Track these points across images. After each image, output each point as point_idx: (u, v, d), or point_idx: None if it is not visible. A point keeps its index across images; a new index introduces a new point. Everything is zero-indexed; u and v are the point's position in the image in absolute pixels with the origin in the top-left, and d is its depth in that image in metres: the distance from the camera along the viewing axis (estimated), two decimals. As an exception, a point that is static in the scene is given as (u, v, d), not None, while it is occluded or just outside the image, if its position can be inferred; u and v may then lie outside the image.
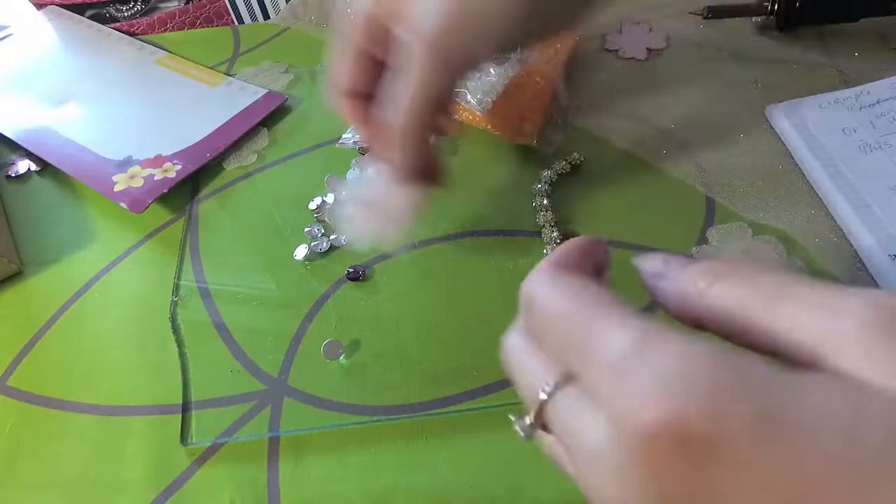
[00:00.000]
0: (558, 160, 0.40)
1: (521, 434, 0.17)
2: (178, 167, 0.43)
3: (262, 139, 0.46)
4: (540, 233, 0.37)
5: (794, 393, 0.12)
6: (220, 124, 0.46)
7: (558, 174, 0.40)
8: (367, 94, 0.28)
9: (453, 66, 0.25)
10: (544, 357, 0.16)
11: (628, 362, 0.13)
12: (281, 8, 0.59)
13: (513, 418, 0.17)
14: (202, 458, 0.30)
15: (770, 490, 0.11)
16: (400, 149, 0.26)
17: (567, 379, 0.15)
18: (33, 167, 0.45)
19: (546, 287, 0.16)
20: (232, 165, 0.44)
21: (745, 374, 0.12)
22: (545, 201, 0.38)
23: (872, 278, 0.34)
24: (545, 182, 0.39)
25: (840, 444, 0.11)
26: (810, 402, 0.12)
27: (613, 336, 0.14)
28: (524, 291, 0.17)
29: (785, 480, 0.11)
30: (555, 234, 0.36)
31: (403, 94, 0.25)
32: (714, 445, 0.12)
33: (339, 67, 0.28)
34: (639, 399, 0.12)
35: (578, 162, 0.40)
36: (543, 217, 0.37)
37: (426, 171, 0.28)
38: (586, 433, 0.14)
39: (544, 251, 0.37)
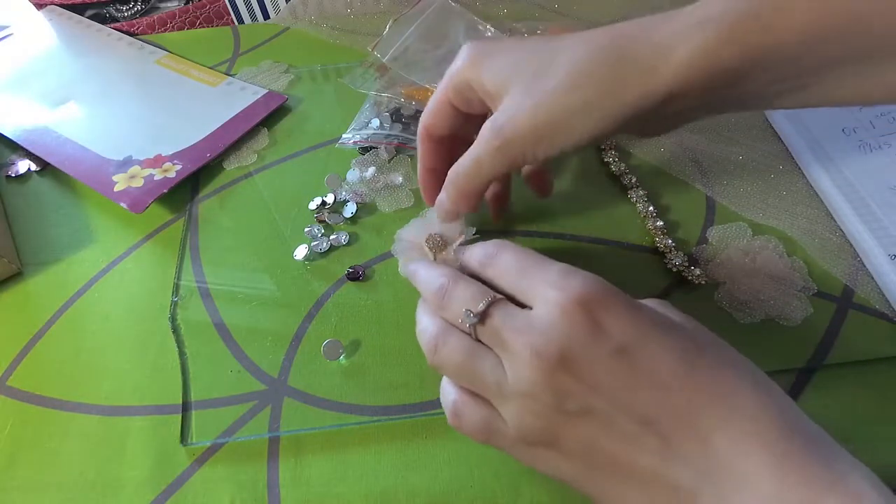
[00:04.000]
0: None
1: (468, 322, 0.24)
2: (178, 167, 0.43)
3: (262, 139, 0.46)
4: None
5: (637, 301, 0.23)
6: (220, 124, 0.46)
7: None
8: (441, 138, 0.33)
9: (512, 162, 0.28)
10: (481, 287, 0.25)
11: (564, 274, 0.23)
12: (281, 8, 0.59)
13: (465, 313, 0.24)
14: (202, 458, 0.30)
15: (635, 323, 0.22)
16: (447, 196, 0.31)
17: (501, 298, 0.24)
18: (33, 167, 0.45)
19: (509, 247, 0.26)
20: (232, 165, 0.44)
21: (615, 287, 0.23)
22: (650, 207, 0.38)
23: (872, 278, 0.34)
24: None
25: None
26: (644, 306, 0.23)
27: (553, 265, 0.24)
28: (490, 246, 0.27)
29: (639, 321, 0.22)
30: (669, 241, 0.36)
31: (462, 161, 0.30)
32: (607, 305, 0.22)
33: (429, 109, 0.32)
34: (572, 284, 0.23)
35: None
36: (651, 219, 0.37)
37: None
38: (525, 317, 0.23)
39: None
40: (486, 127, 0.28)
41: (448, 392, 0.26)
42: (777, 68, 0.24)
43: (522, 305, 0.24)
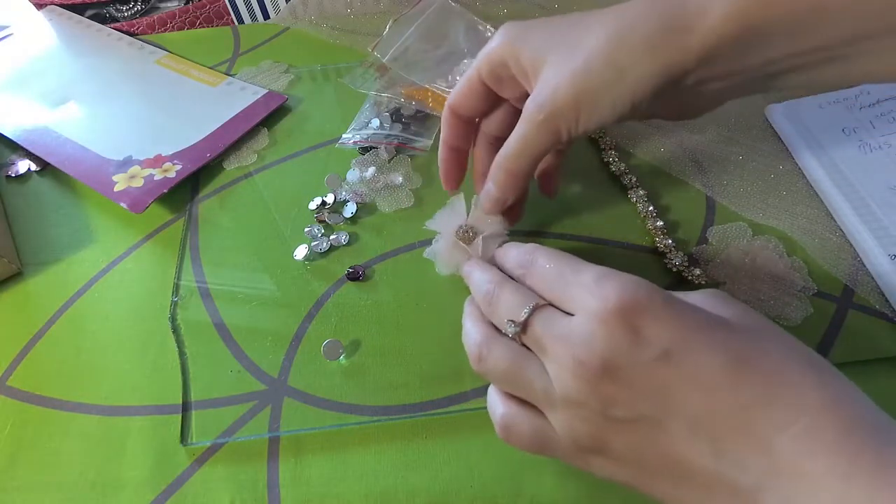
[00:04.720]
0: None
1: (511, 331, 0.24)
2: (178, 167, 0.43)
3: (262, 139, 0.46)
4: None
5: (678, 297, 0.23)
6: (220, 124, 0.46)
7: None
8: (466, 118, 0.33)
9: (557, 136, 0.29)
10: (525, 293, 0.26)
11: (601, 280, 0.23)
12: (281, 8, 0.59)
13: (507, 323, 0.25)
14: (202, 458, 0.30)
15: (679, 327, 0.21)
16: (494, 183, 0.31)
17: (543, 304, 0.25)
18: (33, 167, 0.45)
19: (543, 253, 0.26)
20: (232, 165, 0.44)
21: (655, 286, 0.22)
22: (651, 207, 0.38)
23: (872, 278, 0.34)
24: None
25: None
26: (691, 297, 0.24)
27: (589, 270, 0.24)
28: (525, 253, 0.27)
29: (680, 326, 0.21)
30: (669, 241, 0.36)
31: (508, 142, 0.30)
32: (646, 309, 0.21)
33: (458, 89, 0.32)
34: (609, 291, 0.22)
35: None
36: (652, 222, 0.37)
37: (509, 206, 0.33)
38: (566, 325, 0.23)
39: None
40: (529, 104, 0.29)
41: (495, 405, 0.26)
42: (808, 33, 0.24)
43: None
